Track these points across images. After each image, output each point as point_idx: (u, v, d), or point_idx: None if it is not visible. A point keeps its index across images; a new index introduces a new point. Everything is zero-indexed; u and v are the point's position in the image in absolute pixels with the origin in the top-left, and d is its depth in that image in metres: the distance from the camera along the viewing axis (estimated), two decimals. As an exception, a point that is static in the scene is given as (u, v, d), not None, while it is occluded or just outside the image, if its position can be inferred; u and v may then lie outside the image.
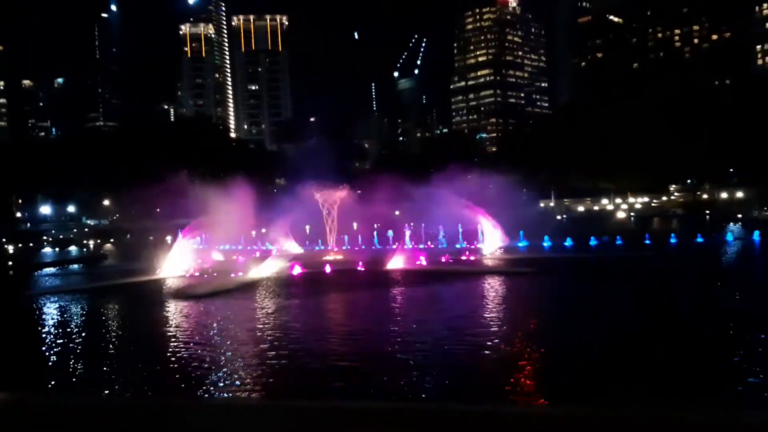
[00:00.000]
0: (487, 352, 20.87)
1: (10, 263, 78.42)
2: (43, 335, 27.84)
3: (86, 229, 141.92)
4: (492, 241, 60.73)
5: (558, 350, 20.83)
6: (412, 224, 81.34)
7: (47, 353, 23.62)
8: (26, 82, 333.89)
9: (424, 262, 49.92)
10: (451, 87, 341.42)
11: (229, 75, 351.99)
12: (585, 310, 28.83)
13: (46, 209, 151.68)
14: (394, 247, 63.90)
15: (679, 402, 14.13)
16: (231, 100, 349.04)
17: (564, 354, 20.38)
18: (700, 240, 63.37)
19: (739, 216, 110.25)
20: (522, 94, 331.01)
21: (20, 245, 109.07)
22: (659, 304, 28.93)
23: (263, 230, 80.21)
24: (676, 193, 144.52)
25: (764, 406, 14.37)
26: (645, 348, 20.05)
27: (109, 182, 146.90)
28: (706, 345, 20.43)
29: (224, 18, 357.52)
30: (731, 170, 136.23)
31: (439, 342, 22.21)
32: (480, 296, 34.04)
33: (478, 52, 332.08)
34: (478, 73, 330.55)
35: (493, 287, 37.38)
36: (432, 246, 64.51)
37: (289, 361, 20.55)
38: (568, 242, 65.74)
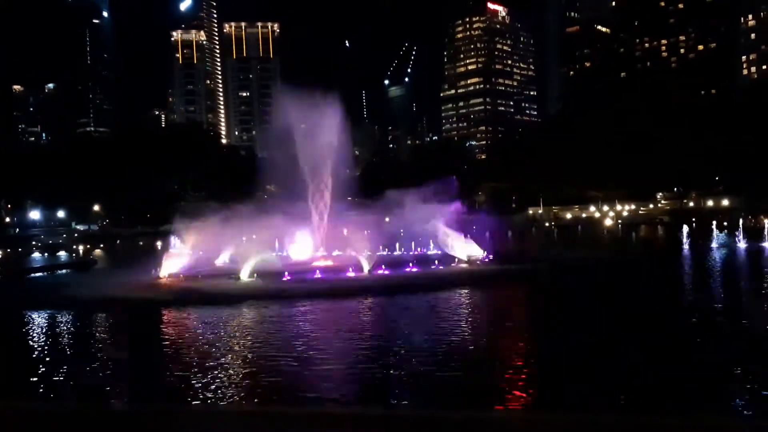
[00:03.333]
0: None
1: (-1, 268, 78.24)
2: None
3: (76, 235, 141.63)
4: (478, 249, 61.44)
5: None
6: (402, 231, 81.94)
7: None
8: (16, 87, 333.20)
9: (414, 269, 50.51)
10: (441, 95, 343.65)
11: (220, 81, 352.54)
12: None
13: (35, 214, 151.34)
14: (385, 253, 64.59)
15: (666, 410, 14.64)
16: (222, 107, 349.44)
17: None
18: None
19: (725, 224, 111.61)
20: (511, 103, 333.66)
21: (9, 250, 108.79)
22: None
23: (253, 236, 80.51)
24: (662, 201, 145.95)
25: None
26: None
27: (99, 188, 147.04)
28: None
29: (216, 25, 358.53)
30: (717, 178, 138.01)
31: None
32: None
33: (467, 61, 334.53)
34: (468, 82, 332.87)
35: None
36: (422, 252, 65.08)
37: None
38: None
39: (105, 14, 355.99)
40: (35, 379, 20.21)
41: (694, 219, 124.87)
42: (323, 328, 28.83)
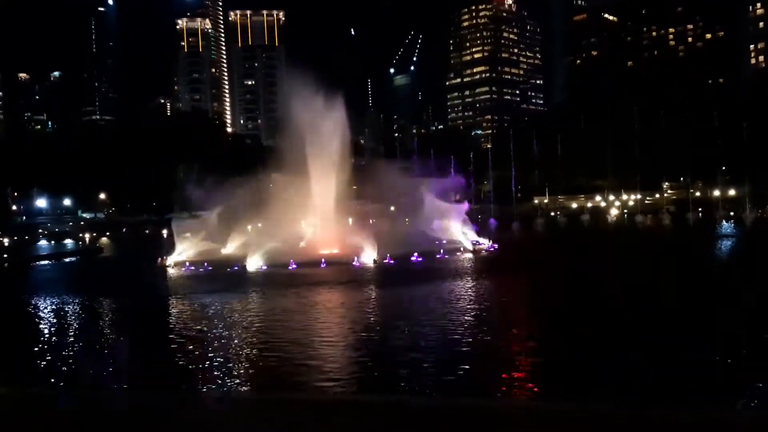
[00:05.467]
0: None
1: (6, 256, 78.68)
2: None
3: (82, 223, 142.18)
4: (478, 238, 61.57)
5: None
6: (407, 220, 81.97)
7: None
8: (22, 75, 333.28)
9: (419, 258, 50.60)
10: (447, 84, 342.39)
11: (225, 70, 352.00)
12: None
13: (41, 202, 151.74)
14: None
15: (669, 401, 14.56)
16: (227, 95, 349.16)
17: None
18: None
19: (732, 214, 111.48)
20: (517, 91, 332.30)
21: (15, 238, 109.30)
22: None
23: (259, 225, 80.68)
24: (668, 191, 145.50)
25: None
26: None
27: (105, 176, 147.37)
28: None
29: (221, 13, 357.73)
30: (723, 168, 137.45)
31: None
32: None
33: (473, 49, 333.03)
34: (474, 70, 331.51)
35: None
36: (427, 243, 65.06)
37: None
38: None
39: (110, 2, 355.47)
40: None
41: (700, 209, 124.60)
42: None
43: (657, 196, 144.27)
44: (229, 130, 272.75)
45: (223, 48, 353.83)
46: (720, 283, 34.36)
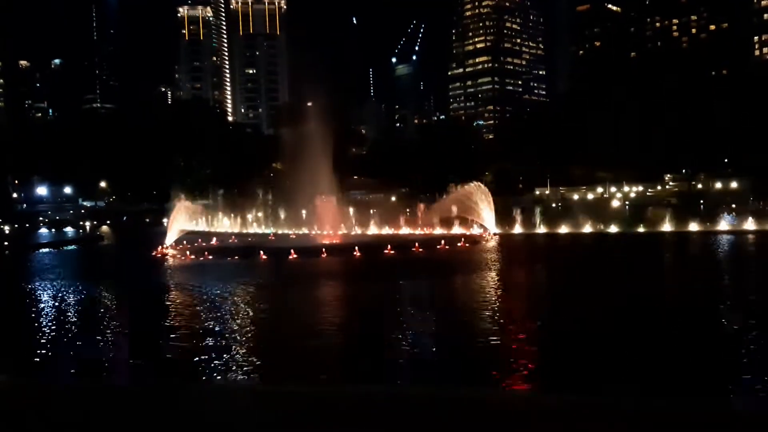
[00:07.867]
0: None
1: (6, 243, 78.71)
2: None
3: (82, 211, 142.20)
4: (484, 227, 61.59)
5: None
6: (408, 210, 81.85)
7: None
8: (23, 62, 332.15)
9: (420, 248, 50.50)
10: (449, 74, 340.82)
11: (226, 58, 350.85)
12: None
13: (42, 190, 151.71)
14: (391, 231, 64.53)
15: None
16: (228, 84, 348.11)
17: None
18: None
19: (734, 206, 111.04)
20: (519, 82, 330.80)
21: (16, 226, 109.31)
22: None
23: (259, 214, 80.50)
24: (670, 183, 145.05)
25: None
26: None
27: (106, 164, 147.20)
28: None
29: (222, 1, 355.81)
30: (726, 160, 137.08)
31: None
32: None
33: (476, 39, 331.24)
34: (476, 60, 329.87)
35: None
36: (427, 232, 65.19)
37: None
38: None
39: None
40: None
41: (702, 201, 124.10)
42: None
43: (659, 188, 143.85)
44: (230, 118, 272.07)
45: (225, 36, 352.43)
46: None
